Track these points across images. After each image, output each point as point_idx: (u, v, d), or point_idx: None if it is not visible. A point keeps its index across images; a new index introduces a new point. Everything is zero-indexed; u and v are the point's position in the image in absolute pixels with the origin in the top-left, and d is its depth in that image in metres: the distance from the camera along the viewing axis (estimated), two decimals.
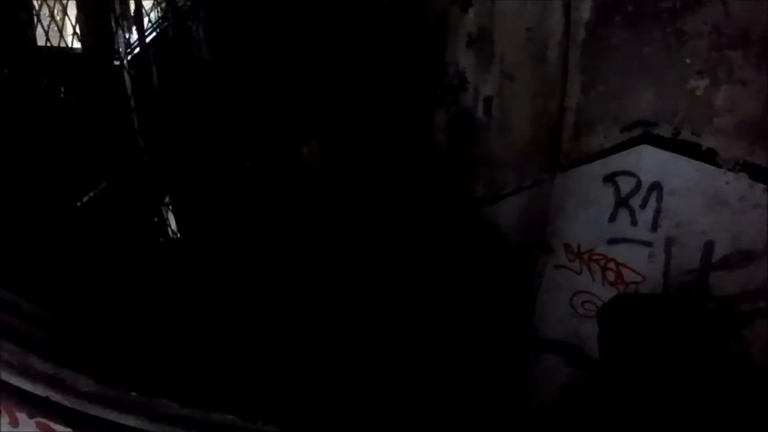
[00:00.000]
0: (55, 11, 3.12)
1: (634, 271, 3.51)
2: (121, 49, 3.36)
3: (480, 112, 3.80)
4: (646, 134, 3.37)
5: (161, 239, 3.69)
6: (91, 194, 3.19)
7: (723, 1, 2.93)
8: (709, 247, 3.25)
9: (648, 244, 3.44)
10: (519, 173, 3.77)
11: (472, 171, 3.87)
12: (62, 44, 3.26)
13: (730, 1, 2.91)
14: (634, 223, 3.49)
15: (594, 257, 3.65)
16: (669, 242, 3.38)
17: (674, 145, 3.27)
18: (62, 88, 3.10)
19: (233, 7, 3.80)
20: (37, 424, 2.13)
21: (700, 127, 3.18)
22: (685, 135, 3.23)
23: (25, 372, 2.12)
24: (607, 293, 3.60)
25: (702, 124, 3.17)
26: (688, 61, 3.15)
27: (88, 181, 3.25)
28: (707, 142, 3.16)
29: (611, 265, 3.59)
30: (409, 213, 3.84)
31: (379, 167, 3.90)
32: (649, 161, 3.39)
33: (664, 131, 3.30)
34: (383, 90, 3.89)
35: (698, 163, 3.20)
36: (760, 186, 3.04)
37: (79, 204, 3.12)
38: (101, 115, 3.29)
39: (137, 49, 3.59)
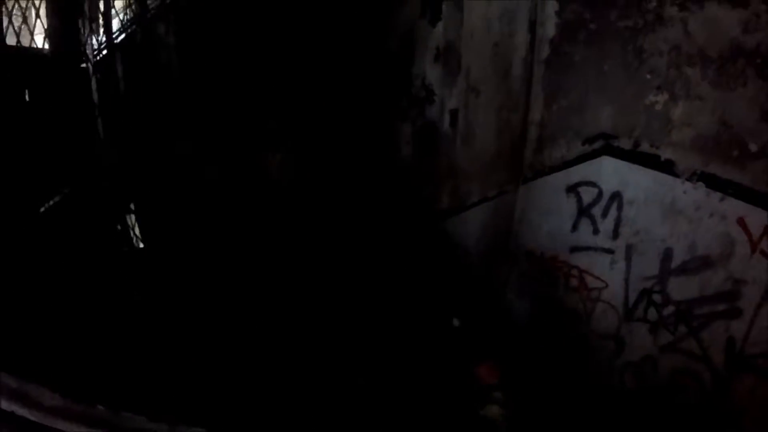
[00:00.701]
0: (28, 11, 2.99)
1: (596, 277, 3.64)
2: (87, 52, 3.26)
3: (446, 124, 3.89)
4: (606, 146, 3.53)
5: (125, 247, 3.54)
6: (54, 200, 3.04)
7: (683, 20, 3.10)
8: (667, 253, 3.40)
9: (609, 251, 3.58)
10: (483, 184, 3.86)
11: (438, 182, 3.94)
12: (32, 45, 3.13)
13: (690, 21, 3.09)
14: (595, 231, 3.62)
15: (557, 265, 3.77)
16: (629, 249, 3.52)
17: (634, 156, 3.43)
18: (27, 90, 2.96)
19: (204, 13, 3.75)
20: None
21: (658, 140, 3.34)
22: (645, 147, 3.39)
23: None
24: (571, 299, 3.73)
25: (660, 137, 3.33)
26: (647, 77, 3.33)
27: (51, 186, 3.10)
28: (665, 153, 3.32)
29: (574, 272, 3.71)
30: (374, 223, 3.86)
31: (346, 177, 3.91)
32: (610, 172, 3.54)
33: (624, 143, 3.46)
34: (350, 101, 3.92)
35: (657, 173, 3.36)
36: (717, 195, 3.19)
37: (42, 209, 2.97)
38: (66, 118, 3.16)
39: (104, 52, 3.49)
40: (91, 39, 3.28)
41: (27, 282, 2.73)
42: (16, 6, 2.91)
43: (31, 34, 3.12)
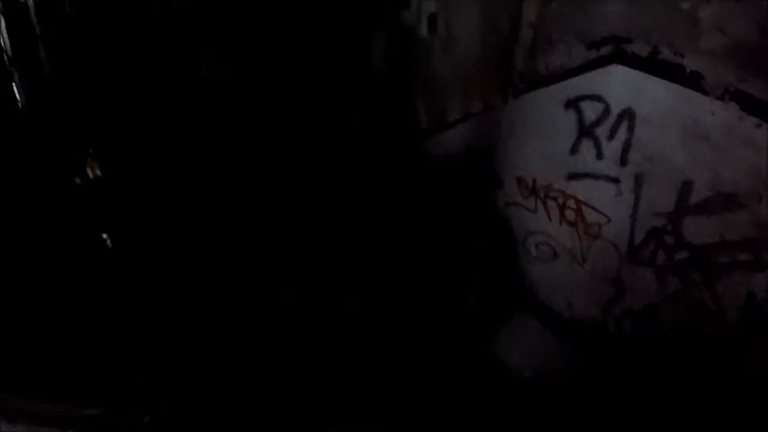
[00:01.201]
0: None
1: (597, 210, 3.06)
2: None
3: (423, 30, 3.13)
4: (617, 52, 2.81)
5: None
6: None
7: None
8: (686, 187, 2.78)
9: (615, 180, 2.97)
10: (466, 98, 3.20)
11: (415, 98, 3.27)
12: None
13: None
14: (599, 155, 2.99)
15: (551, 194, 3.19)
16: (639, 179, 2.90)
17: (652, 65, 2.73)
18: None
19: None
20: None
21: (683, 47, 2.62)
22: (665, 54, 2.68)
23: None
24: (566, 235, 3.19)
25: (686, 43, 2.61)
26: None
27: None
28: (691, 63, 2.61)
29: (571, 203, 3.13)
30: (344, 143, 3.31)
31: (312, 95, 3.29)
32: (621, 84, 2.84)
33: (640, 49, 2.74)
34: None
35: (679, 87, 2.68)
36: (752, 120, 2.53)
37: None
38: None
39: None
40: None
41: None
42: None
43: None
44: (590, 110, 2.94)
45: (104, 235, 2.94)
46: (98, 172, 3.05)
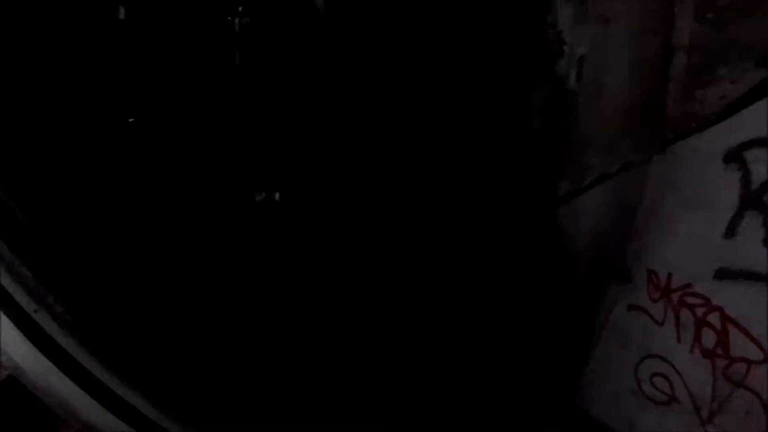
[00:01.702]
0: None
1: (752, 338, 1.70)
2: None
3: (572, 79, 2.51)
4: None
5: None
6: None
7: None
8: None
9: None
10: (606, 155, 2.31)
11: (557, 157, 2.55)
12: None
13: None
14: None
15: (688, 300, 1.97)
16: None
17: None
18: None
19: None
20: None
21: None
22: None
23: None
24: (695, 370, 1.83)
25: None
26: None
27: None
28: None
29: (714, 318, 1.84)
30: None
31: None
32: None
33: None
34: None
35: None
36: None
37: None
38: None
39: None
40: None
41: None
42: None
43: None
44: (760, 164, 1.78)
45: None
46: None
